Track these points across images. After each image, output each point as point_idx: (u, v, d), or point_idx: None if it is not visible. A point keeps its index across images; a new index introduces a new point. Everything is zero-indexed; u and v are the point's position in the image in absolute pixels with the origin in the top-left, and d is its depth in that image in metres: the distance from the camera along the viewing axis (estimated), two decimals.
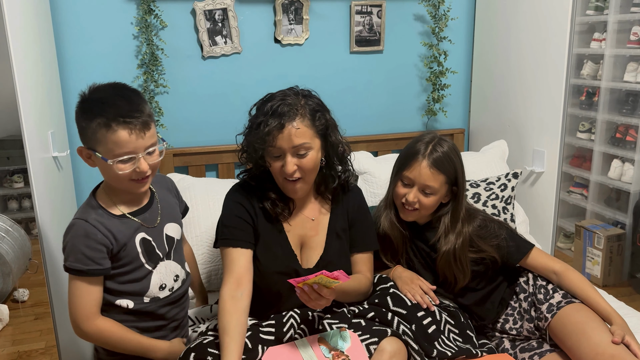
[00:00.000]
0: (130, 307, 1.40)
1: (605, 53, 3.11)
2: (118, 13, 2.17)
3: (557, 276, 1.65)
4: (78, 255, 1.32)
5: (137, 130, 1.28)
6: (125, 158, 1.29)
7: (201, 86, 2.32)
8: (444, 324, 1.57)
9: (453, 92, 2.63)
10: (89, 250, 1.32)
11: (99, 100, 1.30)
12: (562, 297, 1.61)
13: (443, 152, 1.62)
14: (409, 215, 1.68)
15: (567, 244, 3.42)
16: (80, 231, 1.33)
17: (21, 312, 2.90)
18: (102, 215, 1.36)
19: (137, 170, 1.31)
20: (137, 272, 1.41)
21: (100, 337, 1.37)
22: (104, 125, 1.26)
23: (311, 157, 1.48)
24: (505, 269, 1.71)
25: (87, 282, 1.34)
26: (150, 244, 1.43)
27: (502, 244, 1.67)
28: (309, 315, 1.53)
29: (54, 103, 2.04)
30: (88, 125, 1.29)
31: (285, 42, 2.37)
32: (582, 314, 1.54)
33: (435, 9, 2.44)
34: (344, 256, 1.61)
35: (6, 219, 3.16)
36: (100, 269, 1.34)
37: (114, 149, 1.28)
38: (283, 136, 1.44)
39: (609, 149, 3.16)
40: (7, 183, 4.04)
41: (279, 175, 1.51)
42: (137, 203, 1.43)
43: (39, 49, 1.89)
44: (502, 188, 2.06)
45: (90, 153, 1.33)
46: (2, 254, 2.91)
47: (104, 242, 1.34)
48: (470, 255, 1.66)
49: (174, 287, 1.48)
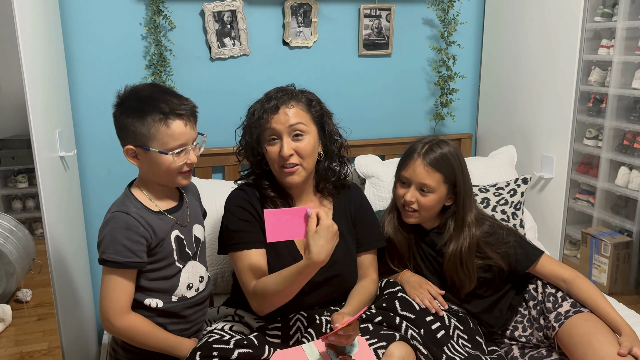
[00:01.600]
0: (160, 306, 1.41)
1: (613, 60, 3.10)
2: (127, 13, 2.17)
3: (566, 284, 1.63)
4: (118, 247, 1.33)
5: (190, 121, 1.36)
6: (179, 150, 1.34)
7: (209, 88, 2.32)
8: (453, 329, 1.55)
9: (461, 97, 2.62)
10: (130, 243, 1.34)
11: (148, 98, 1.34)
12: (570, 306, 1.59)
13: (439, 152, 1.62)
14: (410, 217, 1.66)
15: (572, 251, 3.40)
16: (121, 223, 1.34)
17: (24, 312, 2.89)
18: (142, 210, 1.39)
19: (187, 162, 1.37)
20: (168, 269, 1.42)
21: (131, 332, 1.37)
22: (159, 119, 1.32)
23: (308, 142, 1.50)
24: (514, 276, 1.69)
25: (124, 276, 1.35)
26: (182, 242, 1.45)
27: (510, 251, 1.65)
28: (316, 318, 1.52)
29: (62, 103, 2.03)
30: (139, 123, 1.33)
31: (293, 45, 2.37)
32: (590, 325, 1.52)
33: (444, 13, 2.44)
34: (350, 255, 1.60)
35: (10, 218, 3.15)
36: (139, 262, 1.36)
37: (170, 141, 1.33)
38: (278, 117, 1.47)
39: (616, 156, 3.15)
40: (12, 183, 4.04)
41: (276, 163, 1.50)
42: (171, 201, 1.47)
43: (47, 48, 1.88)
44: (511, 193, 2.05)
45: (139, 151, 1.35)
46: (6, 254, 2.89)
47: (145, 235, 1.36)
48: (477, 262, 1.64)
49: (199, 288, 1.50)
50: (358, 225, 1.64)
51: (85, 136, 2.22)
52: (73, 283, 2.00)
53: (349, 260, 1.59)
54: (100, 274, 2.30)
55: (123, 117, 1.36)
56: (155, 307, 1.41)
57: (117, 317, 1.35)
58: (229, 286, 1.93)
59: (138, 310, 1.40)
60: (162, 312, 1.42)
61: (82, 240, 2.22)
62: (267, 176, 1.58)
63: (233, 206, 1.56)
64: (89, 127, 2.22)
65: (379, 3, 2.41)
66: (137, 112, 1.33)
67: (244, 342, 1.39)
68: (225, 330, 1.51)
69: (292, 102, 1.50)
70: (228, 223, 1.55)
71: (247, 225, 1.53)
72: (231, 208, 1.56)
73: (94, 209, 2.29)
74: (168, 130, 1.32)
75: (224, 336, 1.43)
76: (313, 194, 1.63)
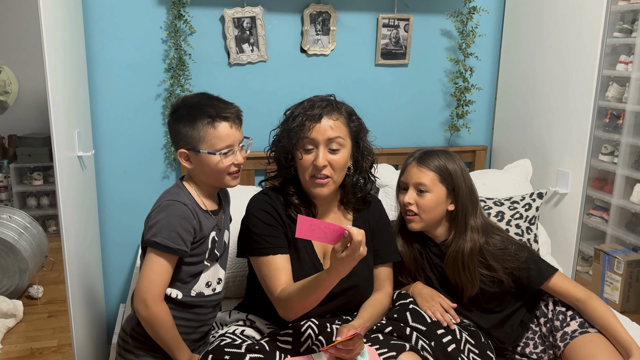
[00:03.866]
0: (179, 297, 1.46)
1: (632, 76, 3.08)
2: (148, 17, 2.19)
3: (579, 303, 1.61)
4: (172, 233, 1.40)
5: (235, 123, 1.45)
6: (227, 151, 1.43)
7: (226, 92, 2.28)
8: (464, 343, 1.54)
9: (477, 109, 2.61)
10: (183, 231, 1.41)
11: (197, 104, 1.45)
12: (578, 326, 1.58)
13: (433, 154, 1.66)
14: (412, 221, 1.66)
15: (584, 267, 3.37)
16: (178, 212, 1.42)
17: (35, 309, 2.92)
18: (194, 204, 1.47)
19: (235, 163, 1.46)
20: (197, 266, 1.49)
21: (158, 319, 1.41)
22: (207, 123, 1.42)
23: (342, 156, 1.51)
24: (526, 292, 1.68)
25: (169, 261, 1.41)
26: (215, 244, 1.51)
27: (522, 267, 1.64)
28: (327, 326, 1.51)
29: (82, 103, 2.06)
30: (190, 127, 1.43)
31: (311, 52, 2.38)
32: (594, 346, 1.50)
33: (463, 25, 2.44)
34: (367, 268, 1.60)
35: (25, 215, 3.19)
36: (185, 251, 1.43)
37: (217, 142, 1.42)
38: (320, 127, 1.48)
39: (632, 173, 3.12)
40: (27, 180, 4.09)
41: (306, 172, 1.50)
42: (214, 204, 1.54)
43: (70, 49, 1.91)
44: (526, 208, 2.04)
45: (191, 153, 1.45)
46: (20, 250, 2.93)
47: (195, 227, 1.44)
48: (482, 271, 1.63)
49: (216, 289, 1.55)
50: (376, 238, 1.64)
51: (103, 137, 2.25)
52: (86, 282, 2.02)
53: (366, 273, 1.59)
54: (112, 277, 2.35)
55: (176, 123, 1.46)
56: (174, 298, 1.46)
57: (154, 299, 1.40)
58: (240, 290, 1.94)
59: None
60: (179, 303, 1.47)
61: (96, 240, 2.24)
62: (293, 182, 1.58)
63: (257, 210, 1.55)
64: (107, 128, 2.24)
65: (398, 13, 2.42)
66: (187, 118, 1.43)
67: (255, 347, 1.39)
68: (237, 334, 1.52)
69: (335, 113, 1.51)
70: (252, 227, 1.54)
71: (272, 230, 1.52)
72: (255, 212, 1.55)
73: (109, 209, 2.31)
74: (215, 132, 1.42)
75: (236, 340, 1.44)
76: (337, 206, 1.63)
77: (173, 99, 2.23)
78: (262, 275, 1.51)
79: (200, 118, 1.42)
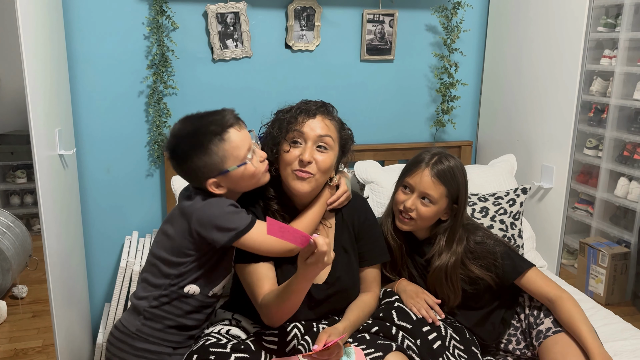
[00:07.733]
0: (196, 294, 1.45)
1: (615, 70, 3.11)
2: (130, 13, 2.16)
3: (550, 303, 1.60)
4: (237, 216, 1.39)
5: (238, 123, 1.42)
6: (250, 155, 1.40)
7: (210, 89, 2.31)
8: (449, 340, 1.55)
9: (462, 104, 2.61)
10: (239, 209, 1.42)
11: (194, 130, 1.39)
12: (551, 324, 1.58)
13: (447, 166, 1.61)
14: (405, 224, 1.65)
15: (570, 260, 3.40)
16: (225, 202, 1.41)
17: (19, 309, 2.88)
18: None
19: (260, 160, 1.44)
20: (227, 269, 1.51)
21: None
22: (219, 140, 1.36)
23: (329, 157, 1.49)
24: (505, 289, 1.68)
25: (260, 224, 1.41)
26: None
27: (497, 262, 1.63)
28: (313, 325, 1.51)
29: (62, 101, 2.03)
30: (205, 155, 1.37)
31: (296, 48, 2.36)
32: (560, 347, 1.52)
33: (447, 20, 2.44)
34: (352, 271, 1.59)
35: (8, 214, 3.15)
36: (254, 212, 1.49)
37: (239, 152, 1.39)
38: (312, 123, 1.48)
39: (616, 167, 3.15)
40: (10, 178, 4.03)
41: (290, 167, 1.47)
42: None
43: (49, 46, 1.88)
44: (510, 203, 2.04)
45: (220, 179, 1.40)
46: (3, 250, 2.89)
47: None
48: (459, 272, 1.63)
49: (222, 293, 1.56)
50: (362, 240, 1.62)
51: (84, 135, 2.21)
52: (69, 281, 2.00)
53: (350, 277, 1.59)
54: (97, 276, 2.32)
55: (186, 162, 1.40)
56: (191, 294, 1.44)
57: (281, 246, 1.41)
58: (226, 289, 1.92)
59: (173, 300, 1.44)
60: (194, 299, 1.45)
61: (79, 239, 2.21)
62: (273, 184, 1.55)
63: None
64: (88, 125, 2.21)
65: (383, 8, 2.41)
66: (195, 148, 1.37)
67: (240, 347, 1.38)
68: (222, 333, 1.50)
69: (329, 116, 1.52)
70: None
71: None
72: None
73: (92, 208, 2.28)
74: (231, 144, 1.38)
75: (221, 340, 1.43)
76: None
77: (156, 97, 2.21)
78: (246, 283, 1.49)
79: (208, 140, 1.36)
